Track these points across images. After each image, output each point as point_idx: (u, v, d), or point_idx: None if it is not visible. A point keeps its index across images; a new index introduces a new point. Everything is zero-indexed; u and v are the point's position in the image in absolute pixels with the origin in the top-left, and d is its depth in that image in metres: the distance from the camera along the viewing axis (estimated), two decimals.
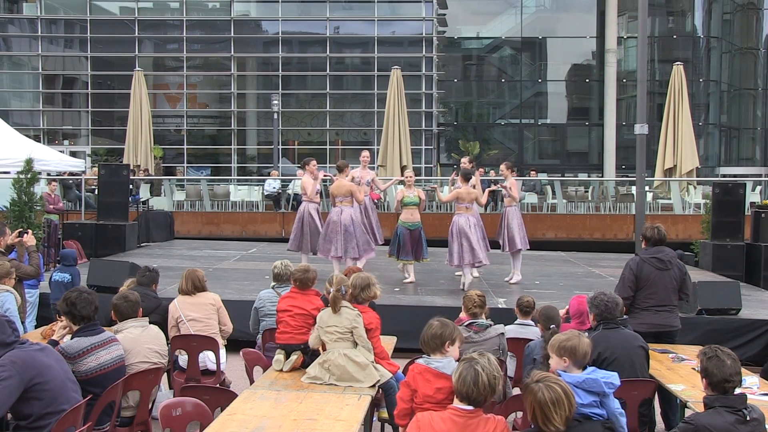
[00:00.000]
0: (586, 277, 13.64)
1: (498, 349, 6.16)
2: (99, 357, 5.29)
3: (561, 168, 35.27)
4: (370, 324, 5.86)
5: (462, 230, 11.28)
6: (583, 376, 4.24)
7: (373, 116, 32.58)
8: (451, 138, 35.70)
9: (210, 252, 16.36)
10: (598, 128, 35.50)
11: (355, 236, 11.55)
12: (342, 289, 5.85)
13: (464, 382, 3.88)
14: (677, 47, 36.15)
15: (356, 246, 11.57)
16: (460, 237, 11.27)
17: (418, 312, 10.14)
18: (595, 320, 5.88)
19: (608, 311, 5.80)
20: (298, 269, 6.49)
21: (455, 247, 11.30)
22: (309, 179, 12.24)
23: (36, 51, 32.87)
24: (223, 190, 23.52)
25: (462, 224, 11.33)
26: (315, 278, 6.43)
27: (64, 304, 5.47)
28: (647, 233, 7.42)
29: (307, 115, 34.06)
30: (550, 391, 3.71)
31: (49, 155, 18.51)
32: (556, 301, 10.16)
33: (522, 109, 36.55)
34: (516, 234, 12.23)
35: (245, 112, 34.13)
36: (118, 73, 32.40)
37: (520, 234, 12.29)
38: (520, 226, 12.33)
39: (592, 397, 4.12)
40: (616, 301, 5.86)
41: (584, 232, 19.93)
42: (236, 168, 33.44)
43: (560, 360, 4.46)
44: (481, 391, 3.86)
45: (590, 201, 23.02)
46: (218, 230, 20.30)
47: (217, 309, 7.14)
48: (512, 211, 12.33)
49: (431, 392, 4.58)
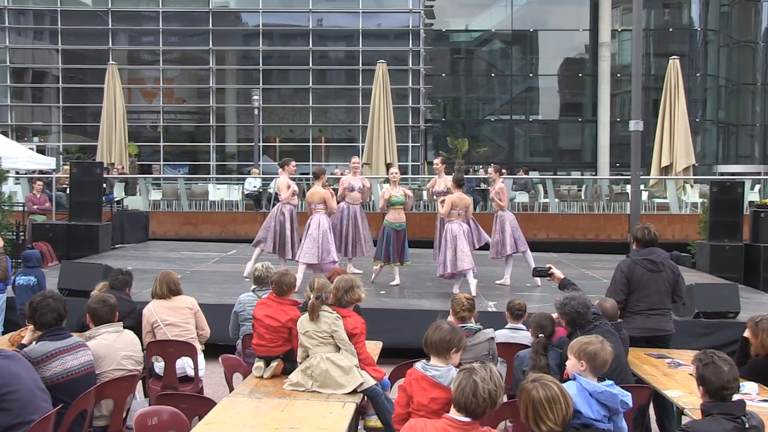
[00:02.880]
0: (579, 279, 13.05)
1: (487, 355, 6.15)
2: (65, 362, 5.26)
3: (553, 166, 35.50)
4: (354, 329, 5.88)
5: (456, 237, 11.19)
6: (602, 386, 4.23)
7: (358, 112, 32.59)
8: (438, 135, 35.76)
9: (187, 254, 16.34)
10: (591, 125, 35.64)
11: (317, 243, 11.46)
12: (322, 295, 5.85)
13: (463, 392, 3.86)
14: (673, 40, 36.34)
15: (317, 253, 11.43)
16: (455, 243, 11.15)
17: (405, 316, 10.20)
18: (567, 326, 5.82)
19: (580, 317, 5.75)
20: (277, 272, 6.53)
21: (449, 255, 11.16)
22: (285, 180, 12.27)
23: (3, 43, 32.68)
24: (202, 189, 23.55)
25: (456, 231, 11.23)
26: (292, 284, 6.40)
27: (28, 309, 5.49)
28: (637, 234, 7.47)
29: (289, 111, 34.09)
30: (546, 389, 3.72)
31: (18, 152, 18.38)
32: (548, 305, 10.17)
33: (512, 104, 36.68)
34: (507, 239, 12.29)
35: (224, 108, 34.08)
36: (90, 66, 32.19)
37: (511, 240, 12.32)
38: (514, 229, 12.37)
39: (604, 412, 4.12)
40: (586, 305, 5.80)
41: (577, 233, 19.95)
42: (215, 166, 33.46)
43: (578, 363, 4.49)
44: (480, 403, 3.83)
45: (583, 200, 23.20)
46: (196, 231, 20.27)
47: (194, 313, 7.13)
48: (503, 215, 12.39)
49: (426, 401, 4.59)
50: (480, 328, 6.32)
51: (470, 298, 6.50)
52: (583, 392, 4.30)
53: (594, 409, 4.21)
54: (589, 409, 4.22)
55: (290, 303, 6.31)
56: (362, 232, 12.91)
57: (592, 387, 4.15)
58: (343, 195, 12.88)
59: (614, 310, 6.57)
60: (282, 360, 6.10)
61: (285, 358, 6.12)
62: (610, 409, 4.22)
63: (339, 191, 12.89)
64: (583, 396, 4.28)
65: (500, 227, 12.37)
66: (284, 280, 6.33)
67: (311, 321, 5.80)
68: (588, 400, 4.27)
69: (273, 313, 6.21)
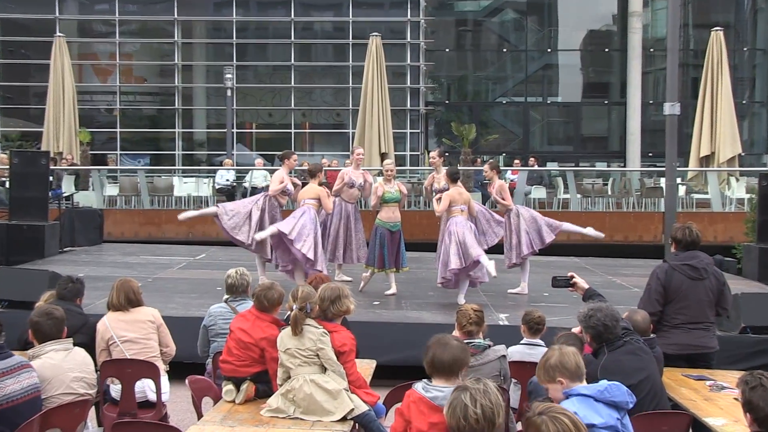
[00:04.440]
0: (605, 288, 13.09)
1: (498, 375, 6.20)
2: (5, 387, 5.25)
3: (575, 156, 35.36)
4: (342, 346, 5.90)
5: (462, 231, 11.17)
6: (603, 383, 4.26)
7: (348, 93, 32.57)
8: (441, 120, 35.73)
9: (149, 258, 16.37)
10: (619, 108, 35.57)
11: (314, 234, 11.57)
12: (307, 306, 5.88)
13: (453, 414, 3.89)
14: (716, 9, 36.33)
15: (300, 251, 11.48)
16: (460, 237, 11.11)
17: (403, 330, 10.16)
18: (592, 341, 5.85)
19: (608, 332, 5.75)
20: (262, 285, 6.57)
21: (452, 249, 11.08)
22: (281, 174, 12.54)
23: None
24: (166, 183, 23.53)
25: (461, 223, 11.26)
26: (277, 300, 6.42)
27: None
28: (677, 235, 7.46)
29: (268, 92, 34.06)
30: (556, 424, 3.72)
31: None
32: (569, 317, 10.13)
33: (528, 84, 36.62)
34: (523, 237, 12.29)
35: (192, 89, 34.08)
36: (34, 39, 32.08)
37: (527, 237, 12.31)
38: (531, 222, 12.35)
39: (615, 412, 4.16)
40: (615, 318, 5.81)
41: (603, 234, 19.80)
42: (181, 156, 33.42)
43: (556, 384, 4.53)
44: (474, 426, 3.85)
45: (610, 196, 23.14)
46: (159, 232, 20.30)
47: (156, 327, 7.11)
48: (513, 214, 12.39)
49: (425, 427, 4.59)
50: (489, 345, 6.34)
51: (478, 309, 6.51)
52: (586, 401, 4.36)
53: (604, 414, 4.24)
54: (599, 417, 4.27)
55: (270, 320, 6.33)
56: (355, 235, 12.92)
57: (591, 390, 4.18)
58: (339, 190, 12.86)
59: (646, 324, 6.59)
60: (252, 381, 6.12)
61: (254, 380, 6.14)
62: (619, 407, 4.21)
63: (335, 185, 12.93)
64: (588, 404, 4.36)
65: (514, 228, 12.34)
66: (268, 295, 6.36)
67: (294, 336, 5.81)
68: (594, 406, 4.33)
69: (249, 328, 6.25)
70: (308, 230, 11.48)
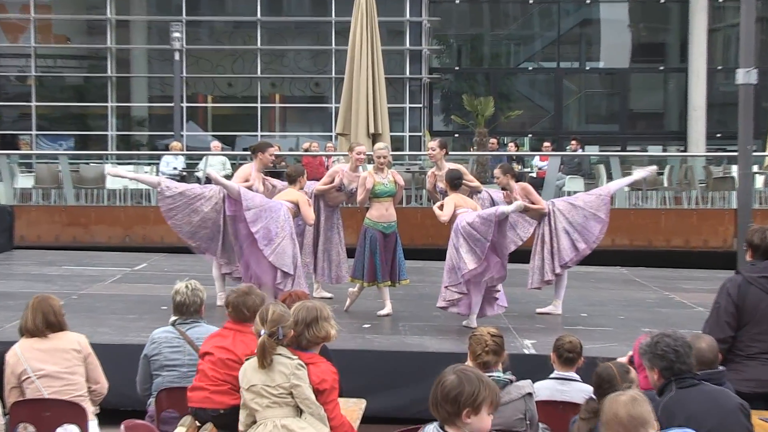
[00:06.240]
0: (660, 307, 13.70)
1: (522, 418, 6.19)
2: None
3: (621, 138, 35.23)
4: (322, 382, 5.93)
5: (471, 217, 11.13)
6: None
7: (330, 58, 32.58)
8: (450, 92, 35.73)
9: (74, 269, 16.31)
10: (678, 76, 35.33)
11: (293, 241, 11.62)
12: (278, 331, 5.91)
13: None
14: None
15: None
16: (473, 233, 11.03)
17: (400, 360, 10.14)
18: (660, 378, 5.86)
19: (679, 360, 5.76)
20: (237, 291, 6.74)
21: (465, 246, 10.97)
22: (249, 170, 12.46)
23: None
24: (95, 172, 23.31)
25: (469, 215, 11.19)
26: (261, 305, 6.49)
27: None
28: (754, 239, 7.46)
29: (227, 56, 33.97)
30: None
31: None
32: (613, 344, 10.29)
33: (560, 46, 36.40)
34: (562, 242, 12.15)
35: (129, 52, 34.00)
36: None
37: (567, 241, 12.17)
38: (574, 215, 12.20)
39: None
40: (689, 345, 5.83)
41: (657, 237, 19.96)
42: (115, 138, 33.32)
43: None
44: None
45: (666, 188, 23.07)
46: (87, 235, 20.25)
47: (83, 358, 7.11)
48: (547, 214, 12.22)
49: None
50: (511, 380, 6.32)
51: (497, 334, 6.53)
52: None
53: None
54: None
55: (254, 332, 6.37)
56: (334, 247, 13.00)
57: None
58: (324, 192, 12.86)
59: (713, 353, 6.49)
60: (215, 425, 6.15)
61: (219, 423, 6.17)
62: None
63: (320, 184, 12.86)
64: None
65: (552, 233, 12.17)
66: (247, 302, 6.55)
67: (261, 370, 5.83)
68: None
69: (228, 344, 6.42)
70: (281, 227, 11.41)
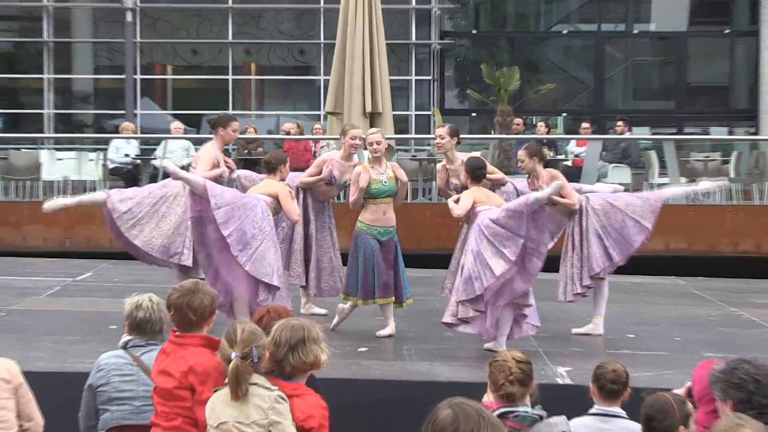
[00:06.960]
0: (725, 326, 13.94)
1: None
2: None
3: (677, 117, 35.51)
4: (308, 419, 5.91)
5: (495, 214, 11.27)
6: None
7: (317, 20, 32.72)
8: (465, 61, 35.69)
9: (3, 279, 16.57)
10: (748, 41, 35.31)
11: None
12: (253, 353, 5.82)
13: None
14: None
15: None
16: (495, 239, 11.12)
17: (404, 392, 10.22)
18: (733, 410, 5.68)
19: (761, 392, 5.73)
20: (180, 289, 6.73)
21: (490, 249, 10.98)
22: (213, 152, 12.57)
23: None
24: (29, 159, 23.86)
25: (492, 212, 11.29)
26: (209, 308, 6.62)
27: None
28: None
29: (191, 17, 33.90)
30: None
31: None
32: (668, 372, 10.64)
33: (602, 4, 36.43)
34: (593, 247, 12.23)
35: (69, 10, 34.19)
36: None
37: (599, 248, 12.25)
38: (611, 216, 12.33)
39: None
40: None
41: (721, 240, 20.35)
42: (52, 117, 33.46)
43: None
44: None
45: (733, 180, 22.85)
46: (18, 237, 20.66)
47: (13, 389, 7.06)
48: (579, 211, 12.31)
49: None
50: (542, 416, 6.49)
51: (524, 360, 6.72)
52: None
53: None
54: None
55: (198, 341, 6.53)
56: (327, 253, 13.22)
57: None
58: (311, 184, 13.08)
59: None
60: None
61: None
62: None
63: (307, 174, 13.16)
64: None
65: (580, 231, 12.25)
66: (192, 302, 6.52)
67: (233, 402, 5.79)
68: None
69: (168, 365, 6.45)
70: (259, 228, 11.31)
